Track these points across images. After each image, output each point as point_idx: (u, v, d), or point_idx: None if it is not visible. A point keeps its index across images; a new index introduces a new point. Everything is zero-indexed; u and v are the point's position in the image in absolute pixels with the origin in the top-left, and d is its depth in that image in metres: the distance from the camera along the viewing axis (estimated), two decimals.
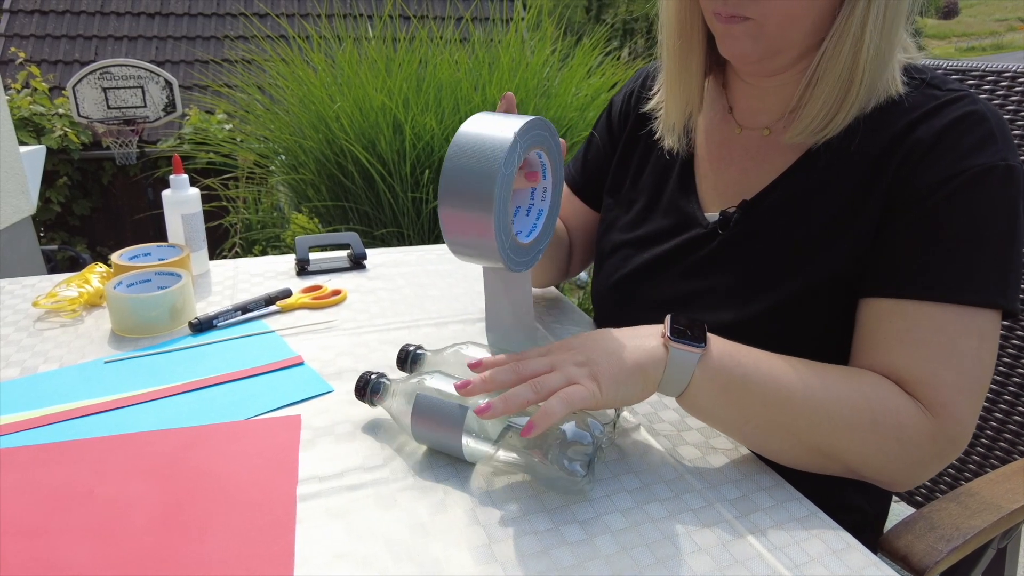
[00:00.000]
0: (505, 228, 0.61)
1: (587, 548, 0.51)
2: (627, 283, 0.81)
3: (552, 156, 0.67)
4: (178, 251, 0.97)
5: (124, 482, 0.56)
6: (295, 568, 0.49)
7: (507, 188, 0.60)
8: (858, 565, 0.51)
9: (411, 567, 0.49)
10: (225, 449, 0.61)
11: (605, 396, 0.55)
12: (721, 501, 0.57)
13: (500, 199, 0.59)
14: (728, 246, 0.72)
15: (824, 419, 0.58)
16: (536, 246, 0.68)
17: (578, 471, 0.54)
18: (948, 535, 0.75)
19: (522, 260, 0.66)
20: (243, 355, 0.79)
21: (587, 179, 0.91)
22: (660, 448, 0.64)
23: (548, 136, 0.65)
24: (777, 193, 0.70)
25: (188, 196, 1.01)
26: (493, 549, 0.51)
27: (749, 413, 0.59)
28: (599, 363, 0.57)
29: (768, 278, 0.69)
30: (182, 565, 0.48)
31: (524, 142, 0.61)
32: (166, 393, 0.71)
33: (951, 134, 0.61)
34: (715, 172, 0.76)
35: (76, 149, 4.77)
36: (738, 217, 0.72)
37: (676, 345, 0.57)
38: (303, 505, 0.55)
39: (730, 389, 0.58)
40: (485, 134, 0.60)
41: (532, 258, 0.68)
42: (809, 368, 0.60)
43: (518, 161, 0.60)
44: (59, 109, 4.71)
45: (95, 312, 0.90)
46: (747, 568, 0.50)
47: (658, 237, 0.79)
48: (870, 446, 0.58)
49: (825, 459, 0.60)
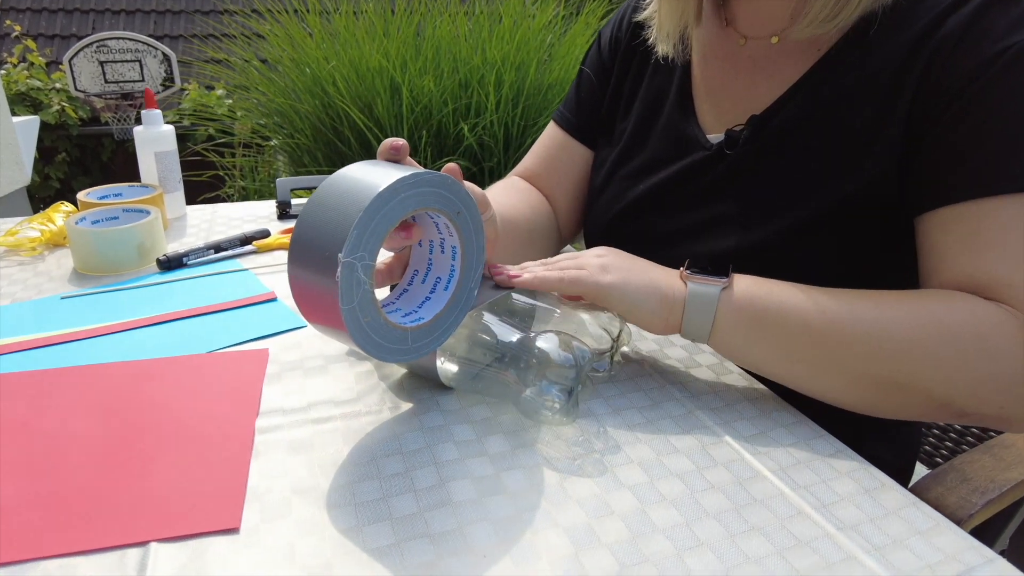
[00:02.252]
0: (365, 304, 0.44)
1: (590, 487, 0.45)
2: (623, 219, 0.73)
3: (462, 226, 0.49)
4: (150, 190, 0.91)
5: (65, 416, 0.50)
6: (247, 505, 0.42)
7: (367, 249, 0.43)
8: (894, 505, 0.44)
9: (384, 503, 0.43)
10: (181, 382, 0.55)
11: (612, 293, 0.53)
12: (737, 438, 0.51)
13: (350, 268, 0.42)
14: (736, 168, 0.65)
15: (885, 342, 0.49)
16: (427, 334, 0.49)
17: (555, 395, 0.47)
18: (982, 487, 0.68)
19: (397, 348, 0.47)
20: (212, 291, 0.72)
21: (583, 118, 0.81)
22: (667, 383, 0.57)
23: (454, 200, 0.47)
24: (791, 105, 0.62)
25: (161, 133, 0.94)
26: (477, 487, 0.45)
27: (792, 348, 0.52)
28: (619, 264, 0.55)
29: (783, 201, 0.61)
30: (119, 503, 0.42)
31: (408, 197, 0.44)
32: (125, 327, 0.64)
33: (982, 19, 0.53)
34: (718, 89, 0.68)
35: (75, 124, 4.70)
36: (747, 135, 0.64)
37: (695, 279, 0.53)
38: (262, 438, 0.48)
39: (765, 322, 0.52)
40: (352, 182, 0.44)
41: (421, 345, 0.48)
42: (855, 293, 0.52)
43: (391, 220, 0.44)
44: (56, 84, 4.64)
45: (58, 252, 0.84)
46: (768, 508, 0.44)
47: (655, 165, 0.71)
48: (950, 365, 0.49)
49: (901, 392, 0.50)
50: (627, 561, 0.39)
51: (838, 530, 0.42)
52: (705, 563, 0.39)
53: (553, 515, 0.42)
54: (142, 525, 0.40)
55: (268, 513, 0.41)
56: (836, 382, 0.52)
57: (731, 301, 0.52)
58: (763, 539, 0.41)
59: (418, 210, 0.45)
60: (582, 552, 0.39)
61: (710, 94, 0.69)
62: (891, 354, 0.49)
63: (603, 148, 0.78)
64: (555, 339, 0.49)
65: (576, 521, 0.42)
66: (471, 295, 0.51)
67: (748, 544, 0.40)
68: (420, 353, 0.48)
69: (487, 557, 0.39)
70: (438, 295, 0.50)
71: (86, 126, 4.81)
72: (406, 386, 0.55)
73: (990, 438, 0.89)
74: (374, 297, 0.44)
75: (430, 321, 0.48)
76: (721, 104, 0.68)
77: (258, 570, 0.37)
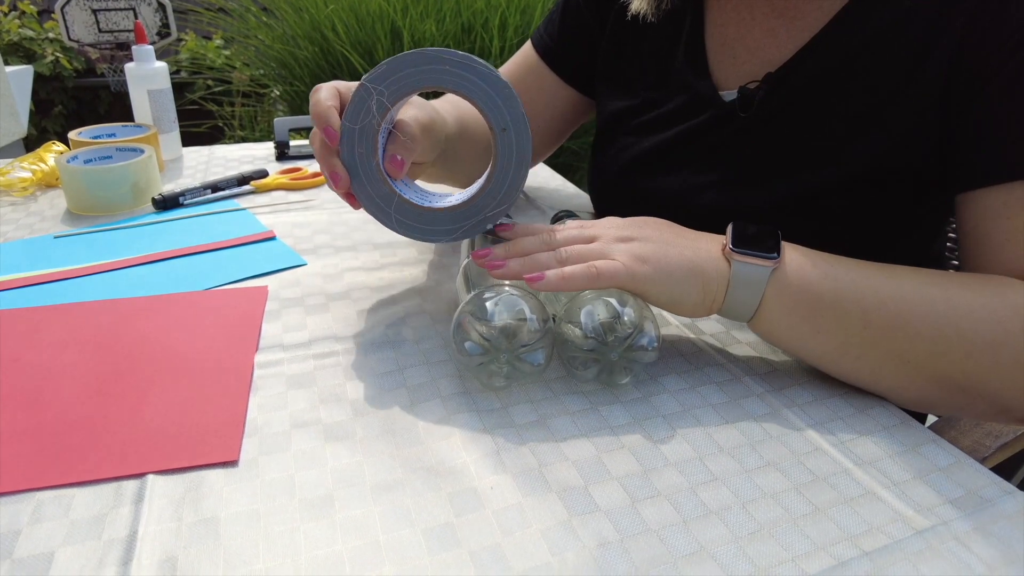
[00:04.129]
0: (366, 135, 0.48)
1: (595, 419, 0.43)
2: (629, 175, 0.68)
3: (501, 148, 0.48)
4: (144, 130, 0.88)
5: (60, 351, 0.49)
6: (246, 439, 0.41)
7: (390, 88, 0.47)
8: (913, 441, 0.43)
9: (388, 436, 0.41)
10: (178, 318, 0.53)
11: (647, 282, 0.45)
12: (752, 376, 0.49)
13: (365, 92, 0.47)
14: (750, 129, 0.59)
15: (953, 338, 0.43)
16: (411, 216, 0.50)
17: (537, 361, 0.44)
18: (996, 431, 0.67)
19: (379, 196, 0.49)
20: (209, 230, 0.70)
21: (564, 46, 0.74)
22: (680, 324, 0.56)
23: (502, 110, 0.47)
24: (812, 59, 0.56)
25: (154, 69, 0.91)
26: (483, 420, 0.43)
27: (848, 339, 0.45)
28: (649, 243, 0.46)
29: (799, 164, 0.57)
30: (116, 436, 0.41)
31: (448, 72, 0.46)
32: (120, 265, 0.62)
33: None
34: (733, 39, 0.62)
35: (70, 76, 4.62)
36: (762, 95, 0.58)
37: (740, 257, 0.46)
38: (261, 373, 0.47)
39: (819, 309, 0.45)
40: None
41: (402, 222, 0.50)
42: (922, 275, 0.46)
43: (423, 81, 0.46)
44: (49, 33, 4.54)
45: (51, 192, 0.82)
46: (784, 444, 0.42)
47: (664, 121, 0.65)
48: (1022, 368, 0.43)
49: (962, 394, 0.45)
50: (639, 496, 0.38)
51: (856, 466, 0.40)
52: (720, 497, 0.38)
53: (563, 450, 0.41)
54: (139, 457, 0.39)
55: (267, 446, 0.40)
56: (897, 379, 0.45)
57: (781, 283, 0.45)
58: (779, 474, 0.40)
59: (458, 91, 0.47)
60: (592, 485, 0.38)
61: (724, 45, 0.62)
62: (961, 353, 0.43)
63: (607, 95, 0.73)
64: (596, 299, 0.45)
65: (586, 454, 0.40)
66: (482, 217, 0.50)
67: (764, 479, 0.39)
68: (397, 226, 0.50)
69: (494, 489, 0.37)
70: (453, 198, 0.52)
71: (81, 77, 4.72)
72: (410, 321, 0.54)
73: None
74: (377, 142, 0.48)
75: (419, 206, 0.49)
76: (736, 56, 0.61)
77: (257, 502, 0.36)
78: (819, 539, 0.35)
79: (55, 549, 0.33)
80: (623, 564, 0.33)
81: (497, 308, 0.43)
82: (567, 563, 0.33)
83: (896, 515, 0.37)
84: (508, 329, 0.42)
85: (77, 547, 0.33)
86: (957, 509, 0.37)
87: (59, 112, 4.78)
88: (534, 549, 0.34)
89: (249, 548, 0.33)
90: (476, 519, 0.35)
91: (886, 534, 0.35)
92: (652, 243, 0.47)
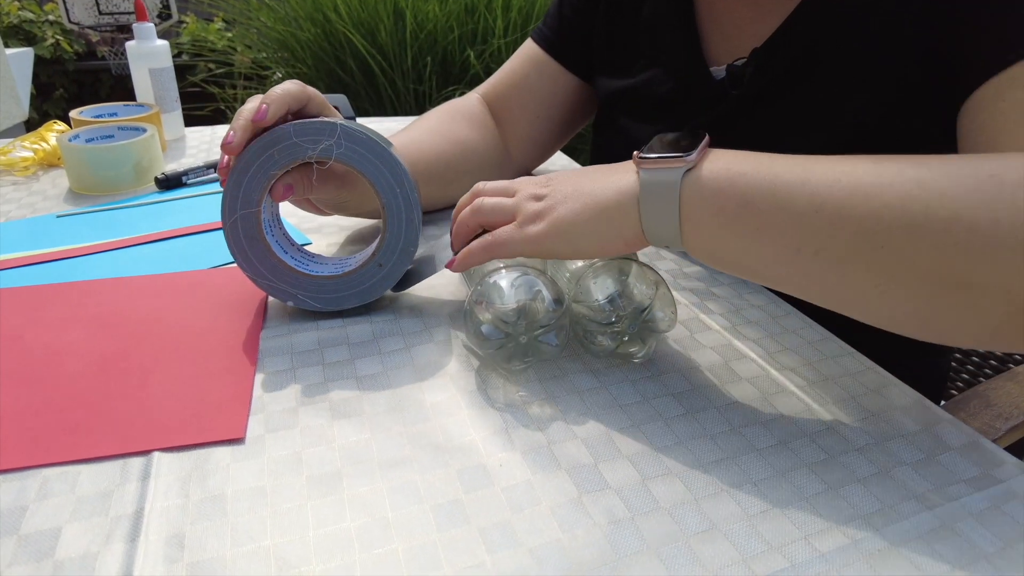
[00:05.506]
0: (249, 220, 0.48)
1: (604, 397, 0.43)
2: (625, 158, 0.67)
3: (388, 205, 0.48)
4: (146, 109, 0.87)
5: (64, 328, 0.48)
6: (251, 416, 0.41)
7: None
8: (927, 420, 0.42)
9: (396, 413, 0.41)
10: (183, 296, 0.53)
11: (548, 243, 0.43)
12: (761, 354, 0.48)
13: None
14: (742, 106, 0.58)
15: (938, 208, 0.33)
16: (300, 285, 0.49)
17: (554, 342, 0.44)
18: (1006, 413, 0.67)
19: (264, 268, 0.49)
20: (213, 209, 0.70)
21: (565, 36, 0.73)
22: (688, 304, 0.55)
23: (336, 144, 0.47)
24: (795, 32, 0.55)
25: (155, 47, 0.90)
26: (491, 398, 0.43)
27: (801, 234, 0.37)
28: (559, 202, 0.43)
29: (791, 135, 0.56)
30: (122, 413, 0.40)
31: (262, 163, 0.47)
32: (124, 244, 0.62)
33: None
34: (721, 13, 0.61)
35: (70, 59, 4.59)
36: (751, 72, 0.57)
37: (648, 164, 0.40)
38: (267, 349, 0.47)
39: (754, 201, 0.38)
40: None
41: (278, 287, 0.49)
42: (889, 158, 0.37)
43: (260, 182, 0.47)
44: (49, 16, 4.50)
45: (53, 172, 0.81)
46: (794, 423, 0.42)
47: (658, 103, 0.65)
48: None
49: (964, 292, 0.34)
50: (649, 473, 0.37)
51: (868, 445, 0.40)
52: (731, 476, 0.37)
53: (572, 427, 0.40)
54: (145, 434, 0.39)
55: (274, 423, 0.40)
56: (867, 285, 0.36)
57: (701, 183, 0.39)
58: (790, 453, 0.39)
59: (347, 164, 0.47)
60: (601, 463, 0.38)
61: (713, 21, 0.61)
62: (967, 229, 0.33)
63: (604, 76, 0.72)
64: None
65: (595, 432, 0.40)
66: (380, 278, 0.50)
67: (775, 458, 0.39)
68: (278, 294, 0.50)
69: (503, 466, 0.37)
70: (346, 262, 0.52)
71: (82, 61, 4.69)
72: (415, 299, 0.53)
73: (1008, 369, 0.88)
74: (261, 227, 0.48)
75: (309, 274, 0.49)
76: (725, 32, 0.61)
77: (264, 479, 0.36)
78: (832, 517, 0.35)
79: (62, 525, 0.33)
80: (635, 541, 0.33)
81: (512, 289, 0.43)
82: (578, 540, 0.33)
83: (909, 493, 0.36)
84: (524, 309, 0.42)
85: (84, 523, 0.33)
86: (971, 488, 0.37)
87: (60, 95, 4.76)
88: (544, 526, 0.33)
89: (257, 525, 0.33)
90: (485, 496, 0.35)
91: (899, 513, 0.35)
92: (565, 201, 0.43)
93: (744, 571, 0.31)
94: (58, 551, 0.31)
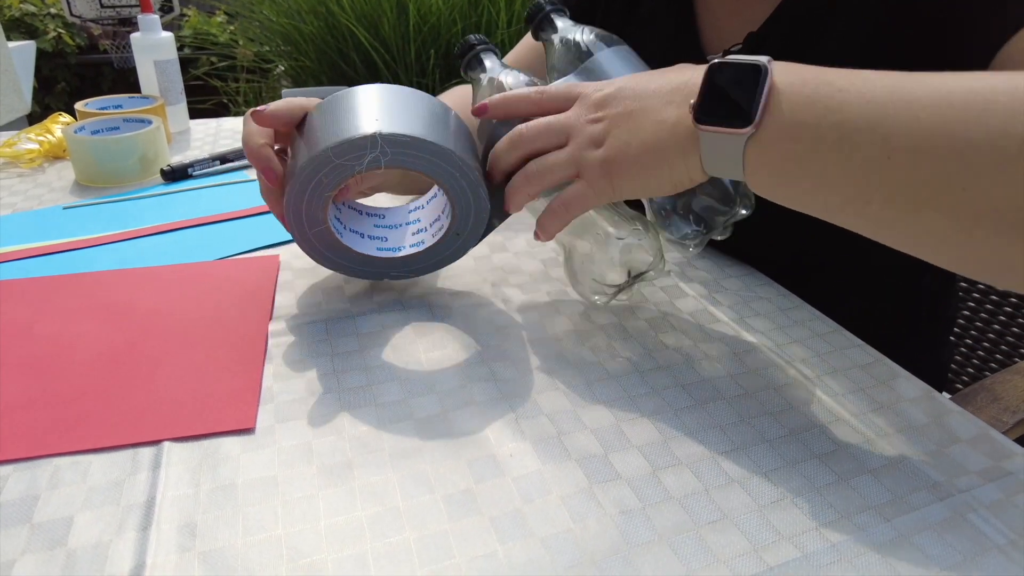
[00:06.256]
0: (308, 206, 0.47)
1: (614, 387, 0.43)
2: None
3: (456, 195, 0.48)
4: (151, 101, 0.87)
5: (72, 319, 0.48)
6: (261, 407, 0.41)
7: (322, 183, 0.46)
8: (937, 412, 0.42)
9: (408, 403, 0.41)
10: (191, 287, 0.53)
11: (616, 194, 0.43)
12: (770, 346, 0.48)
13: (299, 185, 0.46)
14: None
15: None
16: (357, 262, 0.51)
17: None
18: (1013, 407, 0.67)
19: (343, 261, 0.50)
20: (219, 201, 0.70)
21: None
22: (697, 296, 0.55)
23: (448, 170, 0.46)
24: (788, 15, 0.54)
25: (160, 39, 0.89)
26: (500, 388, 0.43)
27: (870, 188, 0.35)
28: (618, 145, 0.42)
29: None
30: (131, 404, 0.40)
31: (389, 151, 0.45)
32: (131, 235, 0.62)
33: None
34: (715, 1, 0.60)
35: (72, 53, 4.58)
36: None
37: (707, 128, 0.39)
38: (276, 342, 0.47)
39: (822, 152, 0.35)
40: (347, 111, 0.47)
41: (332, 258, 0.50)
42: (974, 82, 0.33)
43: (362, 166, 0.45)
44: (51, 9, 4.49)
45: (58, 164, 0.81)
46: (804, 415, 0.42)
47: None
48: None
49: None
50: (659, 464, 0.37)
51: (878, 436, 0.40)
52: (742, 466, 0.37)
53: (581, 418, 0.40)
54: (155, 424, 0.39)
55: (283, 414, 0.40)
56: (948, 228, 0.33)
57: (764, 144, 0.37)
58: (800, 444, 0.39)
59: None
60: (612, 453, 0.38)
61: (708, 9, 0.61)
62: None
63: None
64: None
65: (605, 423, 0.40)
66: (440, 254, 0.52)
67: (785, 448, 0.39)
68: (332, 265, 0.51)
69: (513, 456, 0.37)
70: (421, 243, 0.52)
71: (84, 54, 4.68)
72: (422, 288, 0.53)
73: (1014, 363, 0.87)
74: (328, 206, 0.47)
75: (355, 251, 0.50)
76: (719, 18, 0.60)
77: (274, 469, 0.36)
78: (842, 507, 0.35)
79: (74, 514, 0.33)
80: (646, 531, 0.33)
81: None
82: (589, 529, 0.33)
83: (919, 484, 0.36)
84: None
85: (96, 511, 0.33)
86: (981, 479, 0.37)
87: (62, 89, 4.75)
88: (555, 516, 0.33)
89: (268, 514, 0.33)
90: (496, 486, 0.35)
91: (909, 504, 0.35)
92: (624, 143, 0.42)
93: (755, 561, 0.31)
94: (70, 540, 0.31)
